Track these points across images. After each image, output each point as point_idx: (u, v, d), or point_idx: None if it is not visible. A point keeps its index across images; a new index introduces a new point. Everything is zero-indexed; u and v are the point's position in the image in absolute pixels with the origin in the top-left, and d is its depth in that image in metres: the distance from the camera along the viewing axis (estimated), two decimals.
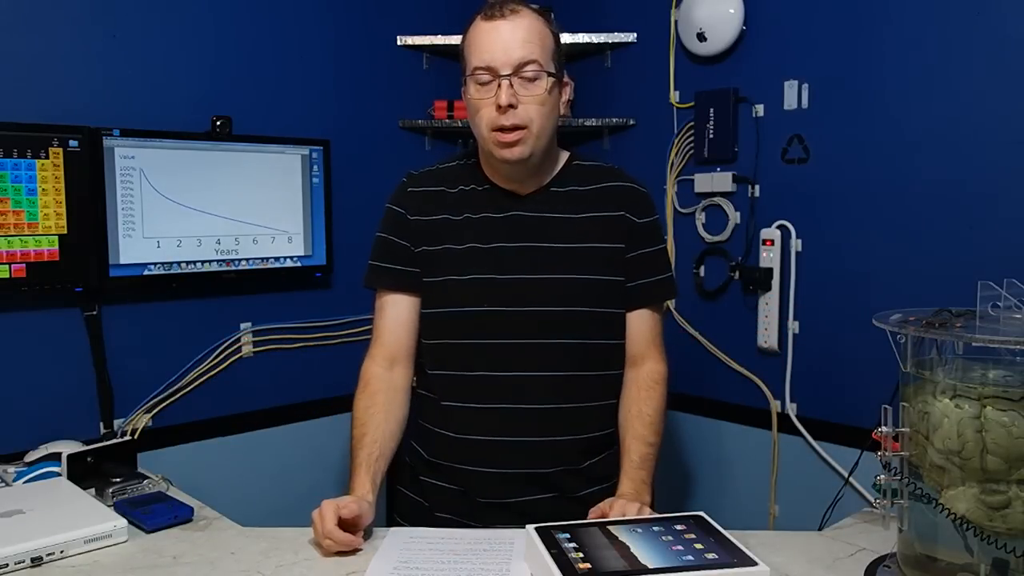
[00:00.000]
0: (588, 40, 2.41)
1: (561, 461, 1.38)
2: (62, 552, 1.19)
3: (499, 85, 1.28)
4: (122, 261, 1.88)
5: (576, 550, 1.07)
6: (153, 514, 1.33)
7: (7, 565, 1.14)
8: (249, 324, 2.16)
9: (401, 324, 1.43)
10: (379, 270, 1.44)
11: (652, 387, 1.43)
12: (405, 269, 1.42)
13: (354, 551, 1.19)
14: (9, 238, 1.73)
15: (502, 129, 1.30)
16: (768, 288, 2.09)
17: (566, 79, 1.40)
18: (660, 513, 1.26)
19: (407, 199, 1.44)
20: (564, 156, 1.46)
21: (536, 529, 1.13)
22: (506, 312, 1.36)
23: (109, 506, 1.36)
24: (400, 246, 1.42)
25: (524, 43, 1.29)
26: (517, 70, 1.29)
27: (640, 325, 1.45)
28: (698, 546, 1.08)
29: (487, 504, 1.37)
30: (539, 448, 1.36)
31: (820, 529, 1.42)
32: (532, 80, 1.30)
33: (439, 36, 2.40)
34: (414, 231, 1.41)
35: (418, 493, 1.47)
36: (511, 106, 1.28)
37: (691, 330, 2.28)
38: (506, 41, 1.29)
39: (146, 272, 1.92)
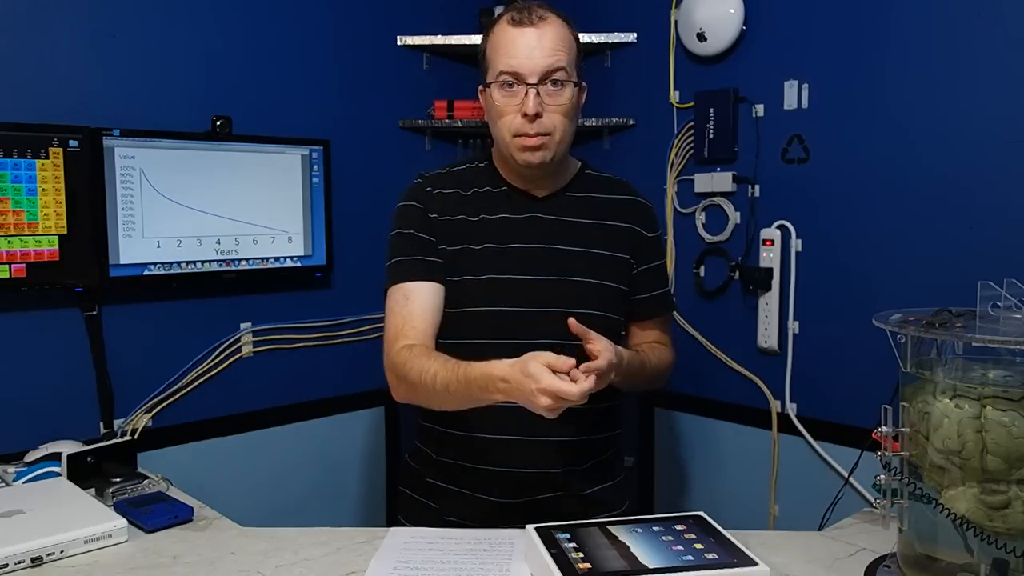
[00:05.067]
0: (588, 40, 2.40)
1: (566, 461, 1.38)
2: (62, 552, 1.19)
3: (526, 93, 1.30)
4: (122, 261, 1.88)
5: (576, 550, 1.07)
6: (153, 514, 1.33)
7: (7, 565, 1.14)
8: (249, 324, 2.16)
9: (430, 312, 1.37)
10: (406, 264, 1.38)
11: (659, 348, 1.48)
12: (433, 260, 1.38)
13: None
14: (9, 238, 1.73)
15: (526, 135, 1.32)
16: (768, 288, 2.09)
17: (583, 83, 1.41)
18: (660, 513, 1.25)
19: (426, 197, 1.42)
20: (576, 164, 1.49)
21: (536, 529, 1.13)
22: (521, 312, 1.36)
23: (109, 506, 1.36)
24: (425, 240, 1.39)
25: (553, 51, 1.30)
26: (544, 78, 1.30)
27: (654, 334, 1.51)
28: (698, 546, 1.08)
29: (498, 504, 1.37)
30: (547, 447, 1.37)
31: (820, 529, 1.42)
32: (558, 89, 1.31)
33: (439, 36, 2.39)
34: (436, 228, 1.40)
35: (425, 495, 1.46)
36: (537, 115, 1.30)
37: (691, 330, 2.28)
38: (535, 49, 1.30)
39: (146, 272, 1.92)
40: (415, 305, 1.36)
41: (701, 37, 2.17)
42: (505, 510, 1.37)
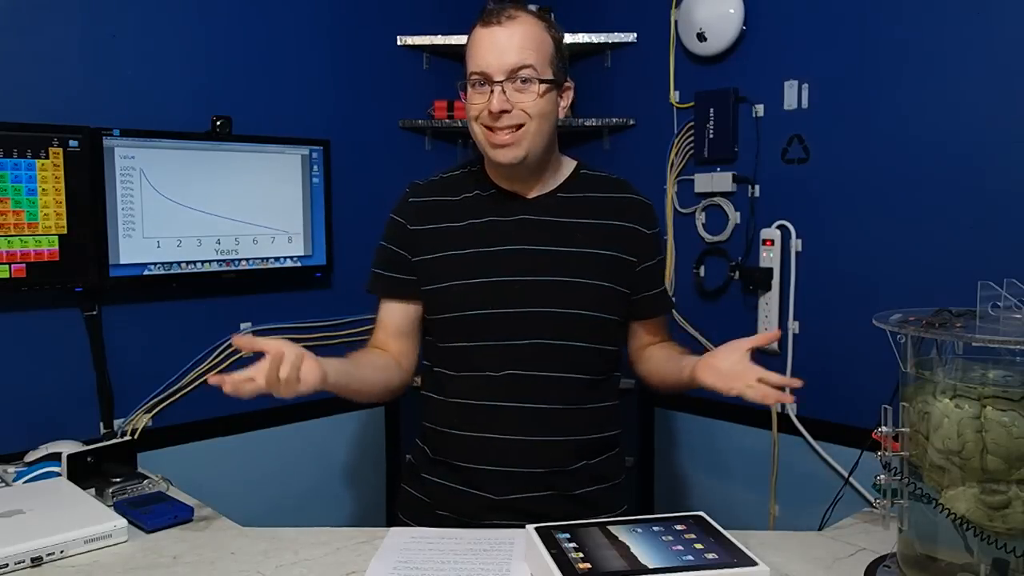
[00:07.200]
0: (588, 40, 2.41)
1: (553, 462, 1.38)
2: (62, 552, 1.19)
3: (492, 91, 1.31)
4: (122, 261, 1.88)
5: (576, 550, 1.07)
6: (153, 514, 1.33)
7: (7, 565, 1.14)
8: (249, 324, 2.16)
9: (392, 331, 1.47)
10: (378, 277, 1.48)
11: (683, 349, 1.50)
12: (401, 278, 1.45)
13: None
14: (9, 238, 1.73)
15: (494, 133, 1.33)
16: (768, 288, 2.10)
17: (568, 83, 1.40)
18: (660, 513, 1.25)
19: (408, 209, 1.46)
20: (571, 164, 1.48)
21: (536, 529, 1.13)
22: (510, 314, 1.36)
23: (109, 506, 1.36)
24: (399, 255, 1.45)
25: (520, 49, 1.31)
26: (511, 76, 1.31)
27: (656, 332, 1.52)
28: (698, 546, 1.08)
29: (488, 500, 1.38)
30: (534, 447, 1.37)
31: (820, 529, 1.42)
32: (525, 85, 1.32)
33: (439, 36, 2.40)
34: (414, 241, 1.43)
35: (419, 490, 1.48)
36: (504, 111, 1.31)
37: (691, 330, 2.28)
38: (501, 47, 1.31)
39: (146, 272, 1.92)
40: (380, 319, 1.49)
41: (701, 37, 2.17)
42: (495, 507, 1.37)
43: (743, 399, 1.23)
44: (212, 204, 2.01)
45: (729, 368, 1.26)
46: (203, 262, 2.01)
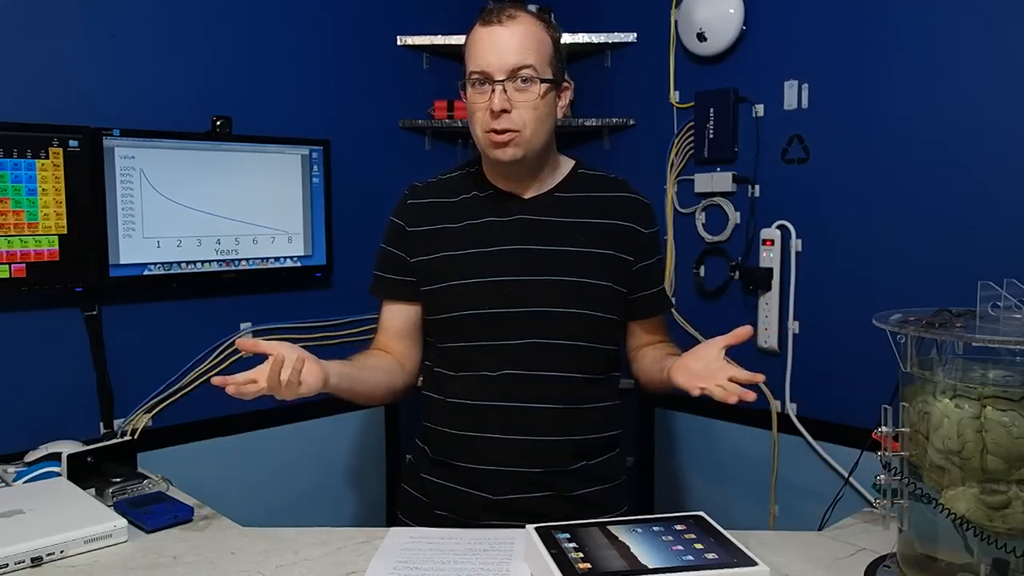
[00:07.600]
0: (588, 40, 2.41)
1: (552, 462, 1.38)
2: (62, 552, 1.19)
3: (493, 90, 1.31)
4: (122, 261, 1.88)
5: (576, 550, 1.07)
6: (153, 514, 1.33)
7: (7, 565, 1.14)
8: (249, 324, 2.16)
9: (394, 333, 1.49)
10: (379, 280, 1.50)
11: (676, 350, 1.49)
12: (401, 280, 1.46)
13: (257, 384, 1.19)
14: (9, 238, 1.73)
15: (495, 131, 1.33)
16: (768, 288, 2.10)
17: (567, 82, 1.40)
18: (660, 513, 1.25)
19: (407, 211, 1.47)
20: (569, 164, 1.48)
21: (536, 529, 1.13)
22: (508, 313, 1.37)
23: (109, 506, 1.36)
24: (397, 257, 1.46)
25: (520, 49, 1.32)
26: (511, 75, 1.32)
27: (654, 331, 1.52)
28: (698, 546, 1.08)
29: (487, 501, 1.38)
30: (534, 447, 1.37)
31: (820, 529, 1.42)
32: (526, 85, 1.32)
33: (439, 36, 2.40)
34: (412, 242, 1.44)
35: (419, 490, 1.48)
36: (504, 111, 1.32)
37: (691, 330, 2.28)
38: (501, 47, 1.32)
39: (146, 272, 1.92)
40: (382, 321, 1.51)
41: (701, 37, 2.17)
42: (495, 507, 1.38)
43: (711, 398, 1.22)
44: (212, 204, 2.01)
45: (703, 368, 1.25)
46: (203, 262, 2.01)
